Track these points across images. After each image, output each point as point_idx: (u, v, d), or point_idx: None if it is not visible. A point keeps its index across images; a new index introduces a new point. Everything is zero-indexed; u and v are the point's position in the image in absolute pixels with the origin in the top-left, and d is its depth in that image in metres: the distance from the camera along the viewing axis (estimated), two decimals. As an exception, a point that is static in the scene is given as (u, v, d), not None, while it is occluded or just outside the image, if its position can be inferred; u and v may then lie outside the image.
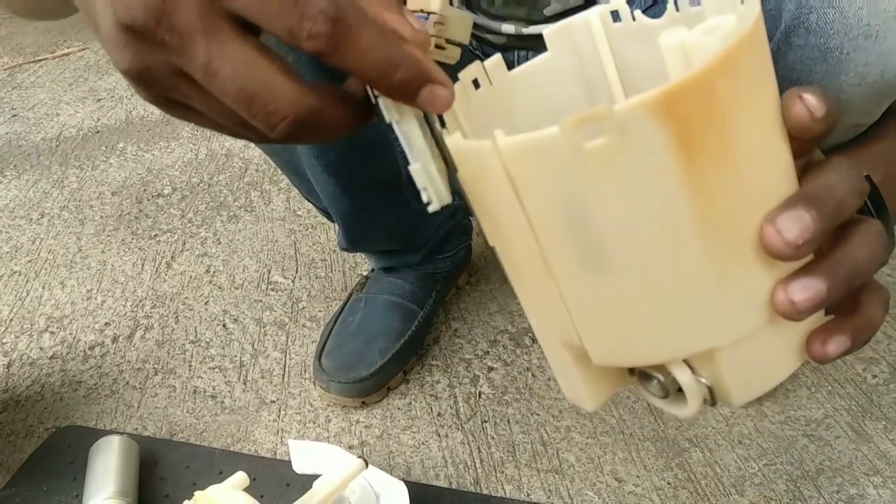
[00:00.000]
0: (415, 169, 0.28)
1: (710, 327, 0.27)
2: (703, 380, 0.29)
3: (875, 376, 0.79)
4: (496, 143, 0.25)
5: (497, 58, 0.35)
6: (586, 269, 0.27)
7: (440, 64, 0.29)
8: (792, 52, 0.49)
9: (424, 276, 0.89)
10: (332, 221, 0.85)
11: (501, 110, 0.36)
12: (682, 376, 0.29)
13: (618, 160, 0.24)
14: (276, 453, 0.76)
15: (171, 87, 0.27)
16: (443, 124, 0.31)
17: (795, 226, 0.26)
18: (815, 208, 0.26)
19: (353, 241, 0.85)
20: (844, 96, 0.48)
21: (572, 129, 0.23)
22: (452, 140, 0.28)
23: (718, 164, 0.24)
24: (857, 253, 0.28)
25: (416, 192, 0.29)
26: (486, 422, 0.78)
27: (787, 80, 0.50)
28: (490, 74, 0.35)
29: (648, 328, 0.28)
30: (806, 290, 0.27)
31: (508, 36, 0.68)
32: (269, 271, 1.05)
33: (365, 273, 0.95)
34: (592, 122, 0.23)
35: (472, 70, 0.34)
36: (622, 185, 0.24)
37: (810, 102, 0.26)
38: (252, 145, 0.91)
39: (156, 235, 1.15)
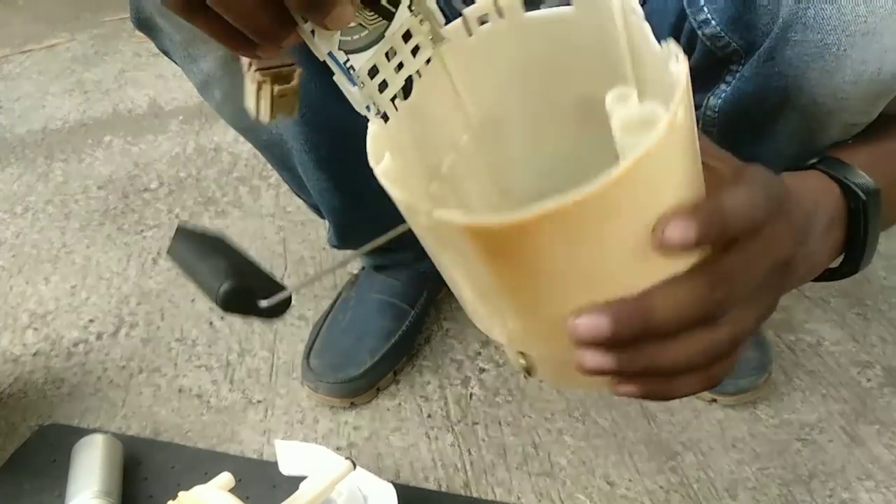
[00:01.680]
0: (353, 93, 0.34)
1: (521, 343, 0.35)
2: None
3: (869, 380, 0.79)
4: (377, 168, 0.31)
5: None
6: (449, 270, 0.34)
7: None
8: (789, 48, 0.48)
9: (416, 275, 0.88)
10: (323, 218, 0.84)
11: (506, 51, 0.38)
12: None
13: (442, 237, 0.30)
14: (262, 454, 0.75)
15: None
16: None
17: (589, 332, 0.30)
18: (617, 321, 0.30)
19: (343, 238, 0.84)
20: (841, 94, 0.48)
21: (412, 204, 0.29)
22: (371, 129, 0.34)
23: (522, 275, 0.29)
24: (658, 313, 0.31)
25: None
26: (476, 424, 0.77)
27: (785, 76, 0.49)
28: (503, 10, 0.37)
29: (484, 324, 0.37)
30: (590, 329, 0.30)
31: None
32: (258, 268, 1.03)
33: (355, 271, 0.94)
34: (416, 211, 0.28)
35: (483, 5, 0.36)
36: (448, 248, 0.31)
37: (667, 236, 0.29)
38: (241, 140, 0.89)
39: (142, 231, 1.14)
